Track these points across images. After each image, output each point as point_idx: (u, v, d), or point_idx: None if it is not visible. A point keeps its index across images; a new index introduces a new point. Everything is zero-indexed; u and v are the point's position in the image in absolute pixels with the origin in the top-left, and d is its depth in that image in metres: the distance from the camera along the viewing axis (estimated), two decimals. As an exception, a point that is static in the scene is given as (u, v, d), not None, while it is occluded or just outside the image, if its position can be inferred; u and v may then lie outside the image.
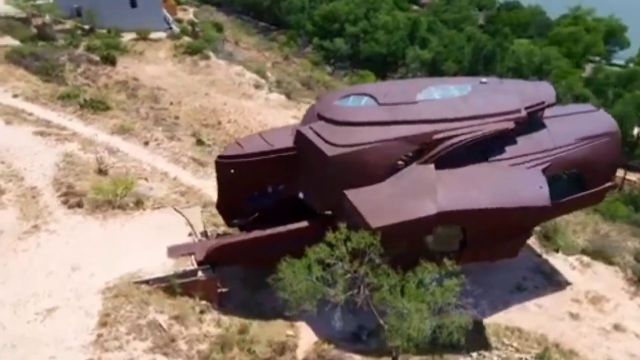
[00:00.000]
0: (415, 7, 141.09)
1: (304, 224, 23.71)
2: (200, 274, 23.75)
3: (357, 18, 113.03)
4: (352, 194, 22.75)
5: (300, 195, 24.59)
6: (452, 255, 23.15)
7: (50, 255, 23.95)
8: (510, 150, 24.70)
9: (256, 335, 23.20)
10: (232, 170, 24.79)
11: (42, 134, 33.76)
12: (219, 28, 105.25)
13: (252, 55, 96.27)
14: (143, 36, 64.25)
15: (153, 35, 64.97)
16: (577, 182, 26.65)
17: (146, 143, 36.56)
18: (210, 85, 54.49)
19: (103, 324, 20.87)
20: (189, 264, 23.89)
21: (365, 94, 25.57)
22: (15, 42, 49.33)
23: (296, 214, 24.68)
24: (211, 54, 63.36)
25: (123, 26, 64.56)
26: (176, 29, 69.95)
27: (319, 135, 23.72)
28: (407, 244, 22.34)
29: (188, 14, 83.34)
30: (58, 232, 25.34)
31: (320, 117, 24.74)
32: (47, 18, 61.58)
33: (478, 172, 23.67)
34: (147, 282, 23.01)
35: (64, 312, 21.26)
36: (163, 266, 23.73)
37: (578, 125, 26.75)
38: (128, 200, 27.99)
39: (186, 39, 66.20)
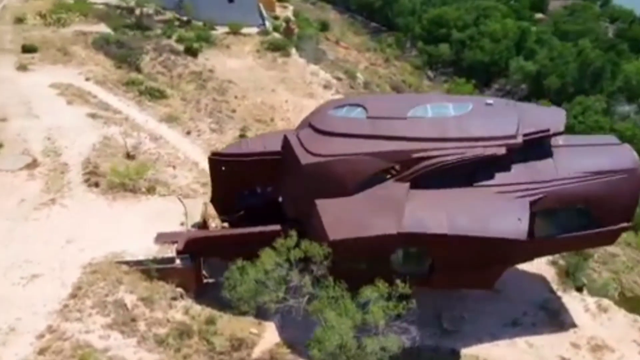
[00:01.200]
0: (541, 16, 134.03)
1: (276, 227, 24.16)
2: (177, 262, 24.99)
3: (466, 24, 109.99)
4: (321, 204, 22.84)
5: (280, 198, 25.09)
6: (420, 279, 22.70)
7: (54, 227, 26.35)
8: (500, 177, 23.46)
9: (221, 328, 24.02)
10: (223, 168, 25.81)
11: (94, 115, 36.83)
12: (323, 26, 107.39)
13: (351, 56, 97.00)
14: (234, 30, 67.40)
15: (245, 30, 67.86)
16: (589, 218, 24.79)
17: (188, 132, 38.67)
18: (280, 82, 56.04)
19: (73, 295, 22.74)
20: (169, 251, 25.24)
21: (360, 105, 25.44)
22: (107, 30, 53.82)
23: (281, 217, 25.24)
24: (293, 51, 65.06)
25: (219, 20, 68.07)
26: (269, 25, 72.41)
27: (300, 142, 24.04)
28: (366, 261, 22.14)
29: (286, 11, 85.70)
30: (69, 207, 27.77)
31: (310, 125, 25.04)
32: (149, 9, 66.51)
33: (457, 197, 22.77)
34: (127, 263, 24.68)
35: (45, 280, 23.39)
36: (147, 250, 25.17)
37: (591, 158, 24.76)
38: (143, 185, 29.95)
39: (275, 36, 68.38)
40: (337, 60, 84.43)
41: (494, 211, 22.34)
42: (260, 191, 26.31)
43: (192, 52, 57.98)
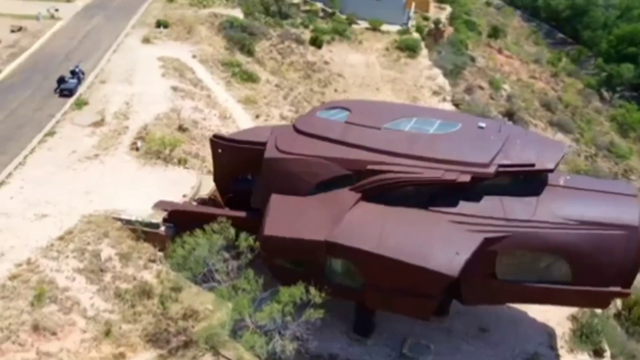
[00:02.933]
0: None
1: (241, 213, 25.05)
2: (161, 228, 27.23)
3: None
4: (275, 199, 23.22)
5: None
6: (357, 294, 22.25)
7: (83, 178, 30.14)
8: (462, 205, 21.63)
9: (183, 297, 25.74)
10: (220, 150, 27.28)
11: (176, 88, 40.60)
12: (494, 32, 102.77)
13: (511, 66, 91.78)
14: (374, 27, 68.10)
15: (385, 27, 68.16)
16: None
17: (257, 116, 40.76)
18: (390, 82, 55.65)
19: (60, 238, 26.08)
20: (159, 218, 27.51)
21: (347, 109, 25.06)
22: (239, 15, 57.89)
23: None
24: (423, 53, 63.81)
25: (363, 15, 69.29)
26: (411, 25, 71.69)
27: (275, 138, 24.53)
28: (300, 263, 22.16)
29: (442, 12, 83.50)
30: (105, 164, 31.46)
31: (293, 123, 25.41)
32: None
33: (404, 217, 21.55)
34: (120, 220, 27.50)
35: (50, 221, 27.08)
36: (143, 213, 27.77)
37: (583, 205, 21.67)
38: (177, 156, 32.68)
39: (412, 36, 67.50)
40: (485, 68, 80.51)
41: (433, 240, 20.73)
42: (250, 178, 27.27)
43: (317, 44, 59.99)
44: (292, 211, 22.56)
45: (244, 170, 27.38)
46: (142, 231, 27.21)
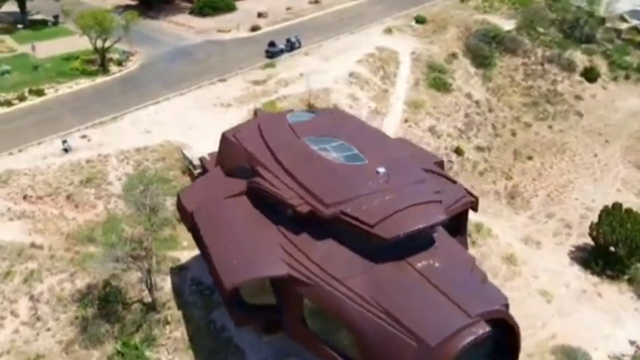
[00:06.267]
0: None
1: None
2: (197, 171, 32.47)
3: None
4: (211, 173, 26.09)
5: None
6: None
7: (202, 118, 37.24)
8: (303, 236, 20.54)
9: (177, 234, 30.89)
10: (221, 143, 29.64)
11: (352, 74, 43.61)
12: None
13: None
14: None
15: None
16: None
17: (405, 120, 40.79)
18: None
19: (137, 150, 34.05)
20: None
21: (310, 113, 25.40)
22: (508, 27, 54.62)
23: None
24: None
25: None
26: None
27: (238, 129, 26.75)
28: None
29: None
30: (226, 113, 38.01)
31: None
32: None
33: (246, 228, 21.78)
34: (182, 154, 33.87)
35: (146, 138, 35.22)
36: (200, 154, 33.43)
37: (411, 298, 18.14)
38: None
39: None
40: None
41: (247, 246, 20.71)
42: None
43: (590, 76, 52.21)
44: (207, 185, 25.22)
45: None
46: (186, 166, 33.10)
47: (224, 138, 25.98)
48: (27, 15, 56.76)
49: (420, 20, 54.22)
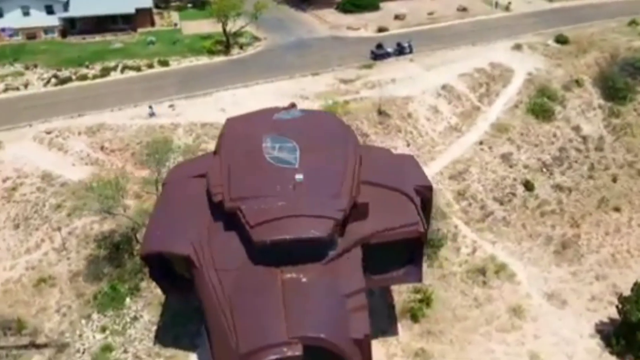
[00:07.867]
0: None
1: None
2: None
3: None
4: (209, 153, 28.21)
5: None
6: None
7: (238, 101, 39.95)
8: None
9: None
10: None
11: (444, 87, 42.02)
12: None
13: None
14: None
15: None
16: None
17: (480, 142, 38.44)
18: None
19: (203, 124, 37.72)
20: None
21: (292, 117, 25.99)
22: None
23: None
24: None
25: None
26: None
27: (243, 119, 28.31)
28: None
29: None
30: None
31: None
32: None
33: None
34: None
35: (199, 111, 38.88)
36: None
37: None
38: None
39: None
40: None
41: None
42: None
43: None
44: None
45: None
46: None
47: (225, 123, 27.89)
48: (198, -5, 63.91)
49: (560, 40, 49.31)
